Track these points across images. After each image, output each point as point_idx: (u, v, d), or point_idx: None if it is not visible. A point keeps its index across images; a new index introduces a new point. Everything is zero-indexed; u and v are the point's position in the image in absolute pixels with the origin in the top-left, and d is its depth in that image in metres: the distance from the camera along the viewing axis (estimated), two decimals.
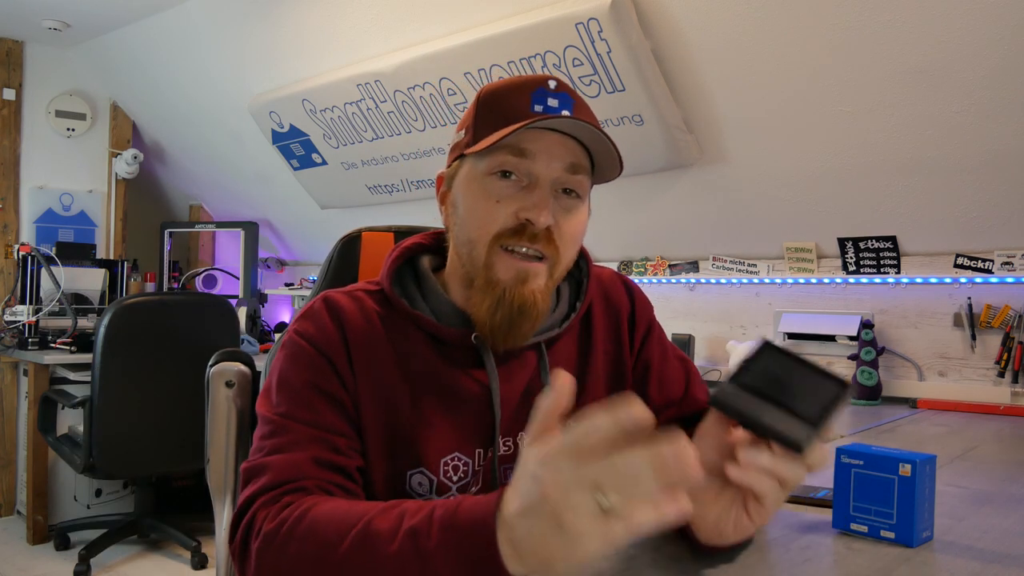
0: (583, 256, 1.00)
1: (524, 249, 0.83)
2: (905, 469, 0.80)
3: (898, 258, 2.23)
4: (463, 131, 0.91)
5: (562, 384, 0.56)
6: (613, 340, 0.99)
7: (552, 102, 0.85)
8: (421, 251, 0.97)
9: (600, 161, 0.88)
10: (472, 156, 0.87)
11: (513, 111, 0.84)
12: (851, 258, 2.31)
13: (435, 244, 0.97)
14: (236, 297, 4.08)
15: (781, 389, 0.66)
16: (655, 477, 0.49)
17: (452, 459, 0.87)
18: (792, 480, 0.66)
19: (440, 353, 0.89)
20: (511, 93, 0.86)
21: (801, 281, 2.47)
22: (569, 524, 0.51)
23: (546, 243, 0.83)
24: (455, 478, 0.87)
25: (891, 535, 0.81)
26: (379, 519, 0.65)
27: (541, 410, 0.57)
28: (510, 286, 0.83)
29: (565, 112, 0.85)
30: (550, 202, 0.83)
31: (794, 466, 0.65)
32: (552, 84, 0.86)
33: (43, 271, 3.42)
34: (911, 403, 2.18)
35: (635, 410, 0.51)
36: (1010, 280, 2.07)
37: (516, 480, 0.57)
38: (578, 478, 0.51)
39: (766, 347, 0.68)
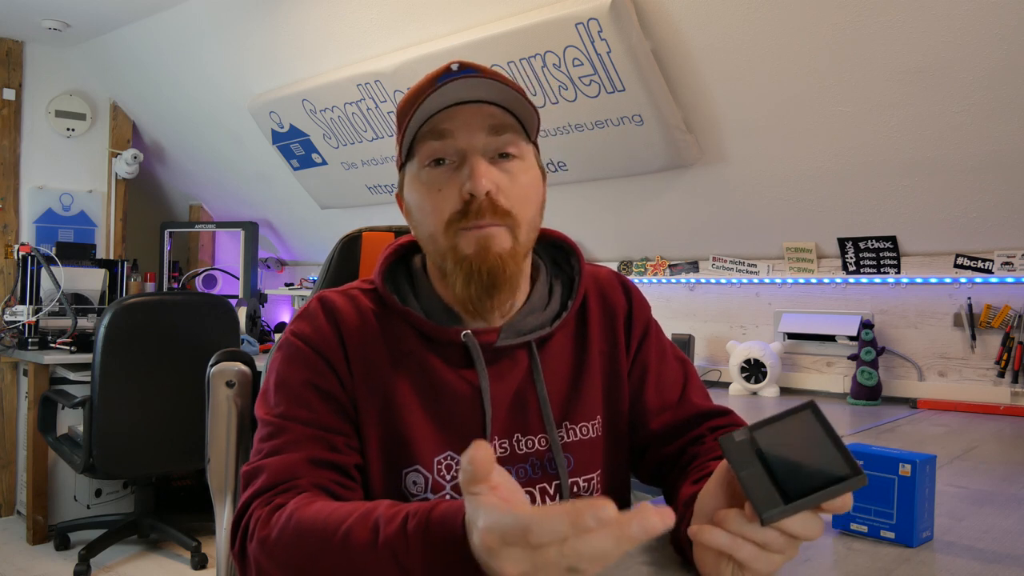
0: (575, 254, 0.99)
1: (476, 224, 0.83)
2: (905, 469, 0.80)
3: (898, 258, 2.23)
4: (397, 146, 0.92)
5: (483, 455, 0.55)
6: (609, 340, 0.98)
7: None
8: (414, 249, 0.97)
9: (521, 114, 0.87)
10: (408, 162, 0.89)
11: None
12: (851, 258, 2.31)
13: None
14: (236, 297, 4.08)
15: (787, 454, 0.63)
16: (623, 549, 0.50)
17: (445, 458, 0.87)
18: (767, 545, 0.63)
19: (432, 351, 0.89)
20: (418, 91, 0.86)
21: (801, 281, 2.47)
22: None
23: (493, 212, 0.83)
24: (448, 477, 0.87)
25: (891, 535, 0.81)
26: (356, 528, 0.66)
27: (474, 463, 0.55)
28: (475, 256, 0.83)
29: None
30: (482, 167, 0.83)
31: (768, 533, 0.62)
32: (455, 67, 0.85)
33: (43, 271, 3.42)
34: (911, 403, 2.18)
35: (602, 513, 0.49)
36: (1010, 280, 2.07)
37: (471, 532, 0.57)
38: (541, 566, 0.51)
39: (807, 408, 0.64)
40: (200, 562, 2.98)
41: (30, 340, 3.26)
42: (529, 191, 0.87)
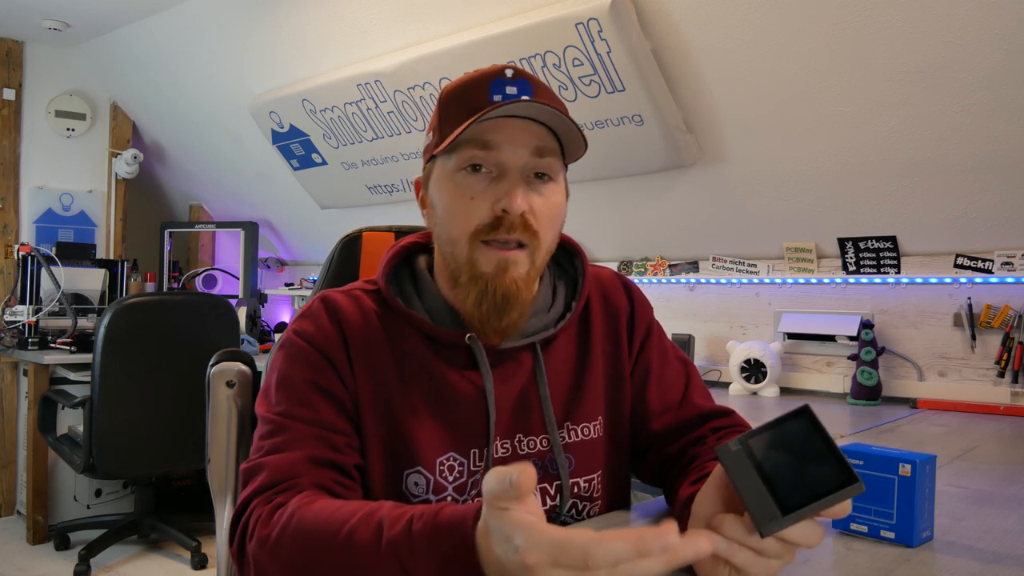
0: (579, 255, 0.99)
1: (503, 240, 0.83)
2: (905, 469, 0.80)
3: (898, 258, 2.23)
4: (431, 133, 0.91)
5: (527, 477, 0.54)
6: (611, 341, 0.98)
7: (510, 90, 0.85)
8: (417, 250, 0.97)
9: (566, 140, 0.87)
10: (442, 156, 0.87)
11: (473, 105, 0.84)
12: (851, 258, 2.31)
13: (431, 243, 0.97)
14: (236, 297, 4.08)
15: (783, 463, 0.62)
16: (670, 570, 0.50)
17: (447, 459, 0.87)
18: (764, 551, 0.62)
19: (436, 353, 0.89)
20: (470, 88, 0.86)
21: (801, 281, 2.47)
22: None
23: (523, 230, 0.83)
24: (451, 478, 0.87)
25: (891, 535, 0.81)
26: (360, 529, 0.66)
27: (516, 483, 0.54)
28: (492, 277, 0.84)
29: (525, 98, 0.84)
30: (521, 188, 0.83)
31: (765, 540, 0.62)
32: (509, 72, 0.86)
33: (43, 271, 3.42)
34: (911, 403, 2.18)
35: (668, 540, 0.50)
36: (1010, 280, 2.07)
37: (495, 544, 0.56)
38: None
39: (802, 413, 0.63)
40: (200, 562, 2.98)
41: (30, 340, 3.26)
42: (557, 212, 0.88)
